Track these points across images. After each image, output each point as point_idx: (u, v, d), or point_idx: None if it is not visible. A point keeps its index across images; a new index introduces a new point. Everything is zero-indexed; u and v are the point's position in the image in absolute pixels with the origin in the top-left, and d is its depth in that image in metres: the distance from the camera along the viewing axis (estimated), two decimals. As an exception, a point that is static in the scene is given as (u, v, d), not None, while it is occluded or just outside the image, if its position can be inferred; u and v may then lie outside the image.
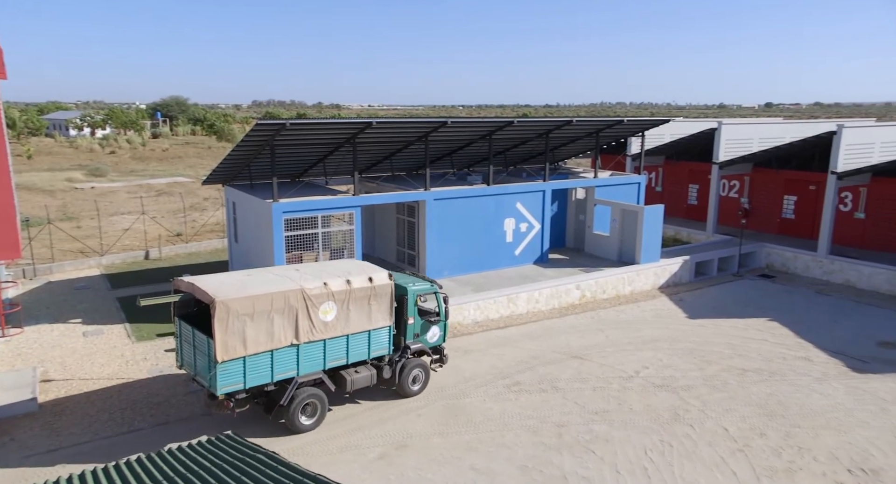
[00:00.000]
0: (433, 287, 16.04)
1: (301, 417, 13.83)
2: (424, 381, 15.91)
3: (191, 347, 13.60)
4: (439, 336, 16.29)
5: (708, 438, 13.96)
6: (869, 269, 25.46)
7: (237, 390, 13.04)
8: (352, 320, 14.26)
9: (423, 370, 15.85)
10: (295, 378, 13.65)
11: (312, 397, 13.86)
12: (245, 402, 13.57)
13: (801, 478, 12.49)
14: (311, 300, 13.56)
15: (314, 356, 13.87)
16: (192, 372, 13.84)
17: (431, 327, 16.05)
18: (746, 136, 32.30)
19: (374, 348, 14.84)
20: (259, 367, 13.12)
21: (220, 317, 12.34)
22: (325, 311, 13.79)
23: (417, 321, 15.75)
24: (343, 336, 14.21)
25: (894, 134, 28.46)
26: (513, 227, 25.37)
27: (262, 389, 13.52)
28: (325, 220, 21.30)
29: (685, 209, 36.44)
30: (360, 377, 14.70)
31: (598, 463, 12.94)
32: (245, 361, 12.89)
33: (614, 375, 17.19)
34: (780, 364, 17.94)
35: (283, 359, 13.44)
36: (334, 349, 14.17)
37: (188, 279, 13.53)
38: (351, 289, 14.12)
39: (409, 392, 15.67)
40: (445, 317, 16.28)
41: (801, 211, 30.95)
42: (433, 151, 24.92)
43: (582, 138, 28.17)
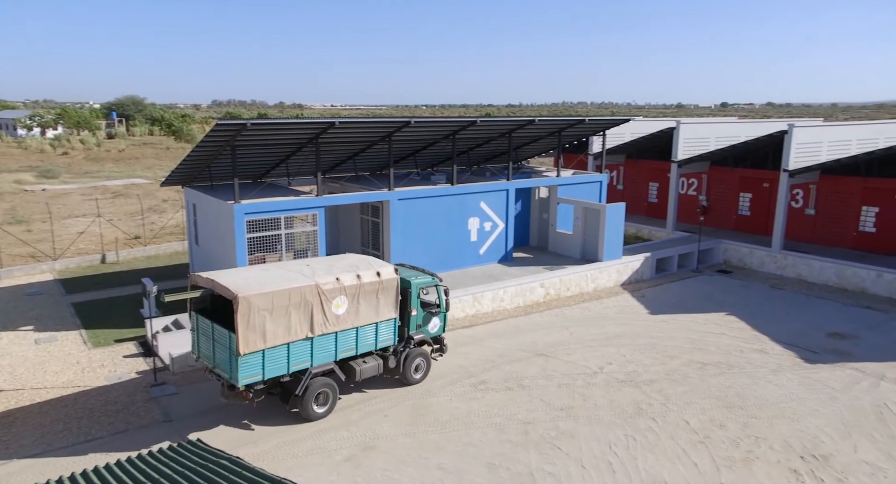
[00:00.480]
0: (434, 280, 16.73)
1: (314, 405, 14.43)
2: (426, 369, 16.60)
3: (209, 340, 14.04)
4: (439, 326, 17.01)
5: (670, 430, 14.26)
6: (819, 263, 26.35)
7: (256, 382, 13.54)
8: (361, 313, 14.87)
9: (425, 359, 16.55)
10: (309, 369, 14.22)
11: (325, 387, 14.50)
12: (262, 392, 13.99)
13: (758, 466, 12.86)
14: (325, 295, 14.10)
15: (327, 348, 14.48)
16: (210, 364, 14.23)
17: (432, 318, 16.77)
18: (704, 136, 33.10)
19: (380, 339, 15.47)
20: (277, 359, 13.66)
21: (242, 312, 12.84)
22: (338, 305, 14.38)
23: (420, 313, 16.40)
24: (353, 328, 14.84)
25: (840, 133, 29.52)
26: (477, 226, 25.49)
27: (279, 379, 14.05)
28: (289, 221, 21.06)
29: (646, 207, 37.15)
30: (369, 367, 15.34)
31: (564, 459, 13.10)
32: (264, 353, 13.42)
33: (579, 371, 17.42)
34: (738, 357, 18.44)
35: (299, 351, 14.00)
36: (345, 341, 14.79)
37: (206, 275, 13.99)
38: (361, 283, 14.70)
39: (412, 380, 16.34)
40: (446, 308, 16.94)
41: (756, 208, 31.86)
42: (397, 151, 24.86)
43: (544, 138, 28.46)
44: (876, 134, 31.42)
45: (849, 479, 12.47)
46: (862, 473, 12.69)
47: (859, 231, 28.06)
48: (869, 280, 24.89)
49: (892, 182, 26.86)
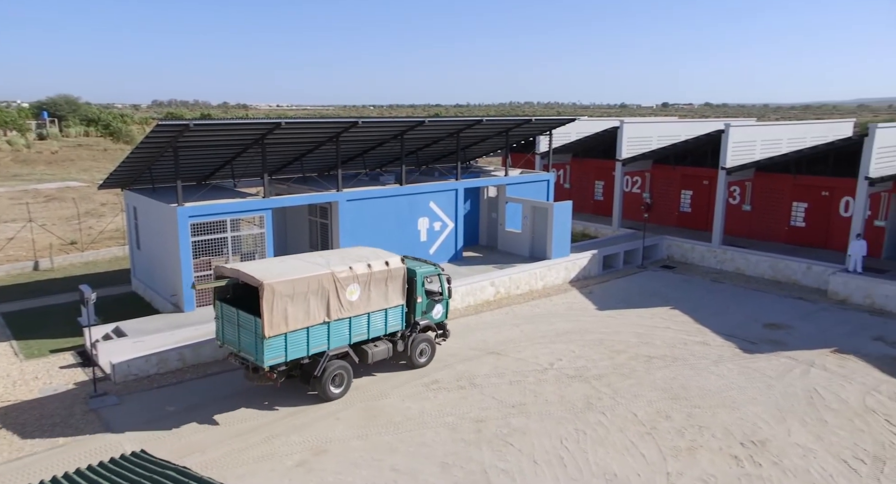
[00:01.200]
0: (437, 270, 17.75)
1: (331, 386, 15.50)
2: (430, 354, 17.73)
3: (233, 326, 15.01)
4: (442, 313, 18.09)
5: (619, 423, 14.62)
6: (755, 257, 27.47)
7: (279, 363, 14.55)
8: (372, 300, 16.02)
9: (430, 344, 17.72)
10: (326, 352, 15.35)
11: (340, 369, 15.60)
12: (284, 374, 14.98)
13: (702, 454, 13.32)
14: (340, 282, 15.25)
15: (341, 332, 15.60)
16: (235, 349, 15.13)
17: (436, 305, 17.85)
18: (646, 135, 34.04)
19: (390, 325, 16.62)
20: (297, 342, 14.76)
21: (266, 298, 13.89)
22: (351, 291, 15.53)
23: (424, 300, 17.47)
24: (365, 314, 15.96)
25: (772, 133, 30.85)
26: (426, 226, 25.53)
27: (299, 362, 15.14)
28: (235, 223, 20.62)
29: (592, 205, 37.95)
30: (379, 350, 16.43)
31: (517, 455, 13.26)
32: (286, 337, 14.49)
33: (530, 368, 17.66)
34: (682, 349, 19.04)
35: (317, 335, 15.11)
36: (358, 326, 15.92)
37: (231, 266, 15.19)
38: (371, 272, 15.86)
39: (418, 363, 17.48)
40: (448, 296, 18.00)
41: (697, 205, 32.96)
42: (345, 152, 24.65)
43: (492, 137, 28.73)
44: (804, 134, 32.96)
45: (783, 461, 13.06)
46: (795, 455, 13.30)
47: (791, 226, 29.38)
48: (800, 272, 26.09)
49: (818, 179, 28.22)
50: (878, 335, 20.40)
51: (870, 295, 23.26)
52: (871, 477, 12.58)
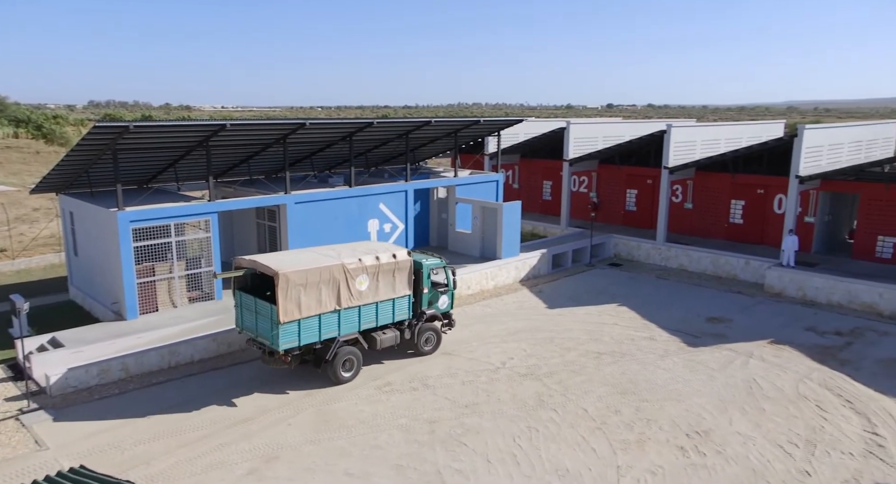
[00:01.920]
0: (443, 262, 18.63)
1: (342, 370, 16.51)
2: (436, 342, 18.65)
3: (251, 314, 16.04)
4: (448, 304, 18.95)
5: (570, 419, 14.89)
6: (697, 254, 28.42)
7: (293, 347, 15.65)
8: (380, 290, 17.00)
9: (435, 333, 18.65)
10: (337, 338, 16.37)
11: (350, 354, 16.63)
12: (298, 358, 16.10)
13: (650, 446, 13.70)
14: (350, 273, 16.25)
15: (351, 320, 16.63)
16: (253, 334, 16.19)
17: (441, 296, 18.70)
18: (592, 135, 34.74)
19: (397, 314, 17.56)
20: (310, 328, 15.83)
21: (281, 286, 15.00)
22: (360, 282, 16.52)
23: (430, 291, 18.37)
24: (373, 303, 16.93)
25: (711, 133, 31.99)
26: (377, 228, 25.41)
27: (311, 347, 16.20)
28: (179, 228, 20.05)
29: (541, 205, 38.49)
30: (387, 337, 17.42)
31: (471, 455, 13.35)
32: (300, 323, 15.57)
33: (482, 368, 17.80)
34: (630, 345, 19.53)
35: (328, 322, 16.17)
36: (367, 314, 16.90)
37: (248, 258, 16.27)
38: (380, 264, 16.82)
39: (424, 351, 18.40)
40: (453, 287, 18.92)
41: (642, 203, 33.85)
42: (293, 154, 24.29)
43: (441, 138, 28.81)
44: (740, 134, 34.30)
45: (726, 449, 13.56)
46: (736, 443, 13.83)
47: (730, 223, 30.51)
48: (739, 267, 27.13)
49: (754, 178, 29.41)
50: (809, 326, 21.40)
51: (802, 288, 24.38)
52: (804, 460, 13.20)
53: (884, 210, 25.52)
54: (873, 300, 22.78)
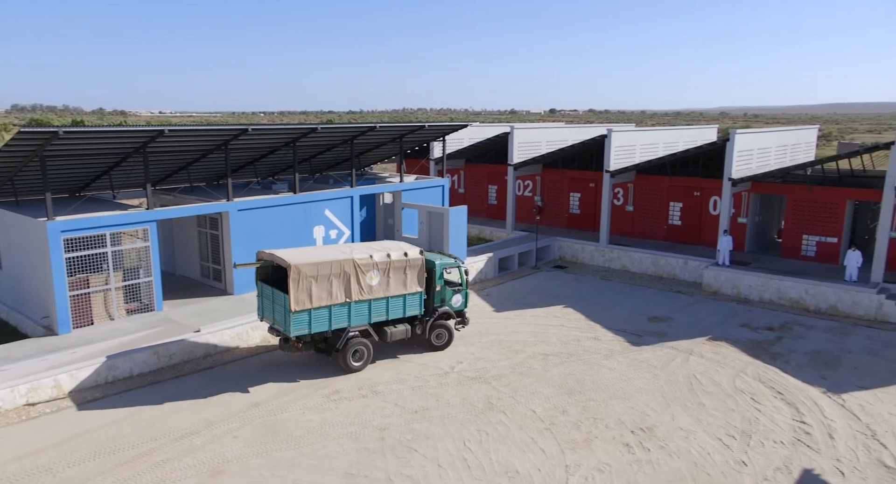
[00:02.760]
0: (457, 262, 19.46)
1: (352, 359, 17.48)
2: (447, 338, 19.35)
3: (270, 302, 17.23)
4: (462, 302, 19.64)
5: (519, 421, 15.06)
6: (639, 255, 29.26)
7: (304, 334, 16.83)
8: (391, 286, 17.87)
9: (447, 330, 19.32)
10: (347, 328, 17.34)
11: (361, 345, 17.57)
12: (310, 345, 17.32)
13: (597, 445, 14.01)
14: (360, 268, 17.23)
15: (362, 312, 17.57)
16: (271, 322, 17.46)
17: (455, 295, 19.39)
18: (536, 140, 35.34)
19: (408, 309, 18.38)
20: (320, 318, 16.88)
21: (293, 277, 16.17)
22: (371, 277, 17.47)
23: (444, 289, 19.12)
24: (384, 298, 17.81)
25: (650, 137, 33.05)
26: (322, 234, 25.13)
27: (323, 336, 17.34)
28: (115, 237, 19.33)
29: (486, 209, 38.86)
30: (398, 331, 18.35)
31: (421, 460, 13.34)
32: (311, 312, 16.65)
33: (431, 372, 17.82)
34: (576, 346, 19.92)
35: (339, 313, 17.17)
36: (377, 308, 17.83)
37: (268, 251, 17.35)
38: (391, 261, 17.70)
39: (436, 346, 19.19)
40: (466, 286, 19.64)
41: (585, 206, 34.63)
42: (235, 160, 23.80)
43: (386, 144, 28.76)
44: (677, 138, 35.54)
45: (669, 444, 13.99)
46: (678, 437, 14.30)
47: (669, 224, 31.55)
48: (678, 267, 28.08)
49: (691, 180, 30.51)
50: (744, 322, 22.33)
51: (736, 286, 25.42)
52: (740, 450, 13.76)
53: (808, 211, 26.90)
54: (800, 296, 23.96)
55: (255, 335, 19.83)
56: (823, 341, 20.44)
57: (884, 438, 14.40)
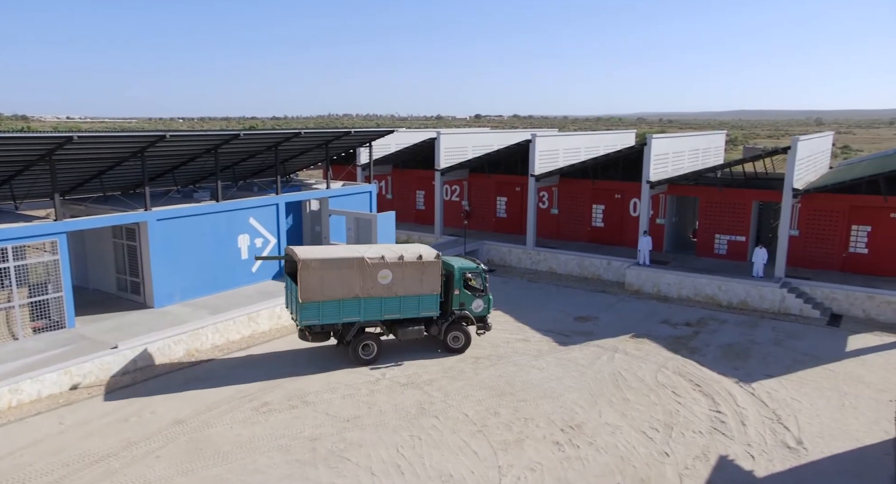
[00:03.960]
0: (478, 268, 19.81)
1: (361, 352, 18.52)
2: (464, 342, 19.65)
3: (290, 294, 18.69)
4: (483, 308, 19.84)
5: (451, 425, 15.15)
6: (564, 256, 30.08)
7: (314, 325, 18.18)
8: (405, 286, 18.63)
9: (463, 334, 19.66)
10: (357, 322, 18.38)
11: (370, 339, 18.61)
12: (321, 336, 18.60)
13: (528, 444, 14.28)
14: (370, 267, 18.18)
15: (373, 308, 18.50)
16: (290, 312, 18.96)
17: (476, 300, 19.66)
18: (462, 145, 35.73)
19: (423, 310, 19.10)
20: (330, 310, 18.10)
21: (302, 270, 17.52)
22: (383, 276, 18.33)
23: (463, 293, 19.50)
24: (396, 297, 18.62)
25: (572, 142, 34.07)
26: (248, 243, 24.47)
27: (334, 327, 18.49)
28: (19, 251, 18.14)
29: (415, 214, 38.92)
30: (411, 330, 19.09)
31: (354, 469, 13.20)
32: (320, 305, 17.93)
33: (362, 380, 17.67)
34: (505, 348, 20.23)
35: (349, 307, 18.25)
36: (390, 306, 18.66)
37: (293, 248, 18.52)
38: (403, 262, 18.48)
39: (452, 348, 19.57)
40: (487, 291, 19.88)
41: (511, 210, 35.27)
42: (153, 167, 22.83)
43: (312, 150, 28.34)
44: (598, 143, 36.82)
45: (597, 440, 14.44)
46: (606, 433, 14.78)
47: (592, 226, 32.59)
48: (602, 268, 29.04)
49: (612, 184, 31.66)
50: (664, 319, 23.35)
51: (656, 284, 26.56)
52: (663, 442, 14.38)
53: (719, 211, 28.44)
54: (714, 292, 25.29)
55: (178, 349, 19.08)
56: (735, 334, 21.64)
57: (787, 421, 15.41)
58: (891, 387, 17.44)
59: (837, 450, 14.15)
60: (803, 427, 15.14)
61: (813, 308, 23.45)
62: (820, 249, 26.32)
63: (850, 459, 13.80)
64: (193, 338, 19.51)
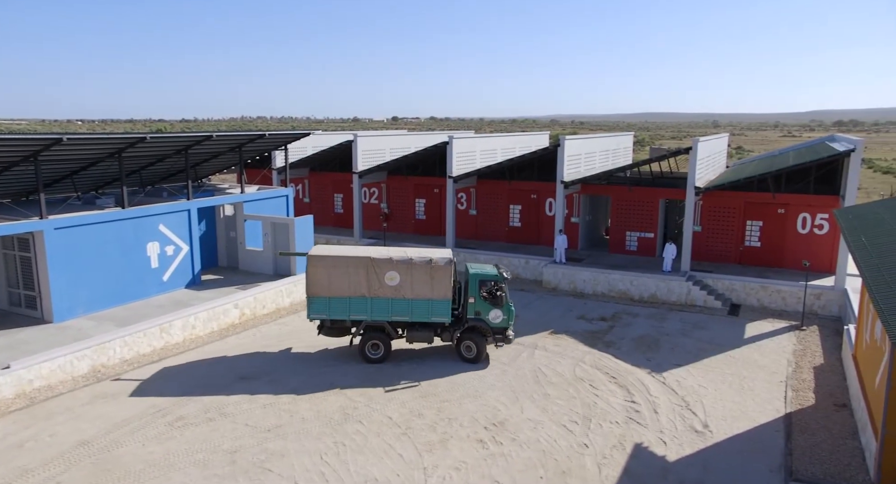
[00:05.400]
0: (499, 276, 18.80)
1: (368, 350, 18.87)
2: (477, 352, 18.86)
3: None
4: (502, 319, 18.81)
5: (376, 429, 15.05)
6: (484, 256, 30.51)
7: (323, 319, 18.96)
8: (414, 288, 18.49)
9: (476, 344, 18.78)
10: (365, 320, 18.70)
11: (377, 338, 18.78)
12: (331, 332, 19.19)
13: (453, 444, 14.40)
14: (377, 267, 18.38)
15: (381, 308, 18.64)
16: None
17: (493, 310, 18.69)
18: (380, 147, 35.59)
19: (434, 315, 18.70)
20: (339, 306, 18.70)
21: (308, 265, 18.62)
22: (390, 277, 18.44)
23: (479, 302, 18.65)
24: (404, 299, 18.56)
25: (489, 144, 34.65)
26: (157, 251, 23.37)
27: (343, 324, 18.97)
28: None
29: (333, 218, 38.41)
30: (419, 334, 18.99)
31: (277, 480, 12.87)
32: (329, 300, 18.61)
33: (283, 388, 17.24)
34: (428, 349, 20.26)
35: (357, 305, 18.63)
36: (399, 307, 18.67)
37: (317, 246, 19.41)
38: (412, 264, 18.36)
39: (465, 357, 18.96)
40: (507, 302, 18.76)
41: (430, 212, 35.44)
42: (48, 173, 21.39)
43: (225, 153, 27.41)
44: (513, 144, 37.64)
45: (519, 436, 14.75)
46: (528, 428, 15.13)
47: (510, 226, 33.27)
48: (520, 267, 29.69)
49: (527, 184, 32.44)
50: (580, 314, 24.16)
51: (573, 281, 27.44)
52: (582, 434, 14.88)
53: (629, 209, 29.74)
54: (626, 288, 26.42)
55: (81, 366, 17.94)
56: (647, 327, 22.69)
57: (694, 407, 16.33)
58: (781, 369, 18.82)
59: (738, 430, 15.11)
60: (709, 411, 16.08)
61: (715, 299, 24.94)
62: (720, 244, 28.04)
63: (749, 437, 14.79)
64: (99, 352, 18.41)
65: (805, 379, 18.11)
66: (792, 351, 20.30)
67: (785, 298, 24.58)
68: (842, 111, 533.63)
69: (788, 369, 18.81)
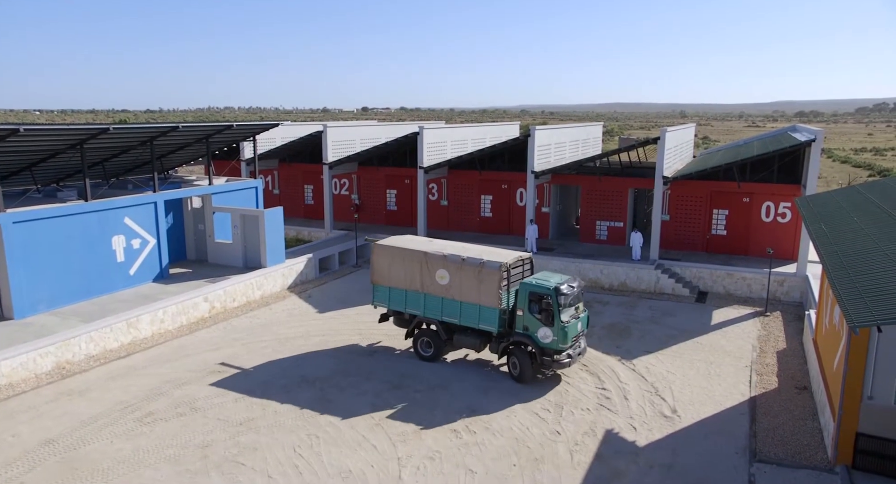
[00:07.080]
0: (551, 291, 16.35)
1: (420, 347, 18.78)
2: (521, 371, 17.02)
3: None
4: (552, 339, 16.45)
5: (349, 420, 15.03)
6: (456, 247, 30.54)
7: (385, 308, 19.52)
8: (462, 291, 17.74)
9: (520, 363, 16.97)
10: (419, 316, 18.69)
11: (429, 336, 18.58)
12: (399, 323, 19.48)
13: (427, 434, 14.44)
14: (430, 263, 18.14)
15: (435, 306, 18.39)
16: None
17: (542, 328, 16.48)
18: (350, 138, 35.28)
19: (482, 322, 17.66)
20: (398, 298, 19.01)
21: (373, 253, 19.23)
22: (441, 275, 18.03)
23: (528, 316, 16.74)
24: (455, 301, 17.94)
25: (460, 134, 34.62)
26: (123, 244, 22.89)
27: (402, 316, 19.26)
28: None
29: (304, 209, 38.04)
30: (466, 340, 18.11)
31: (250, 474, 12.79)
32: (389, 290, 19.10)
33: (254, 381, 17.10)
34: (401, 340, 20.27)
35: (414, 299, 18.71)
36: (449, 308, 18.15)
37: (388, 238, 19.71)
38: (462, 265, 17.65)
39: (512, 373, 17.37)
40: (558, 319, 16.26)
41: (402, 202, 35.33)
42: (4, 165, 20.75)
43: (192, 145, 26.90)
44: (484, 134, 37.66)
45: (493, 425, 14.86)
46: (501, 417, 15.22)
47: (481, 216, 33.36)
48: (492, 257, 29.75)
49: (498, 174, 32.54)
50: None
51: (544, 270, 27.62)
52: (555, 421, 15.07)
53: (599, 199, 30.05)
54: (597, 276, 26.74)
55: (45, 363, 17.52)
56: (617, 315, 23.03)
57: (663, 393, 16.66)
58: (745, 354, 19.31)
59: (705, 414, 15.48)
60: (677, 397, 16.42)
61: (683, 287, 25.41)
62: (687, 232, 28.53)
63: (715, 421, 15.16)
64: (64, 349, 18.01)
65: (769, 363, 18.60)
66: (756, 336, 20.82)
67: (750, 285, 25.16)
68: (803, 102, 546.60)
69: (753, 354, 19.29)
